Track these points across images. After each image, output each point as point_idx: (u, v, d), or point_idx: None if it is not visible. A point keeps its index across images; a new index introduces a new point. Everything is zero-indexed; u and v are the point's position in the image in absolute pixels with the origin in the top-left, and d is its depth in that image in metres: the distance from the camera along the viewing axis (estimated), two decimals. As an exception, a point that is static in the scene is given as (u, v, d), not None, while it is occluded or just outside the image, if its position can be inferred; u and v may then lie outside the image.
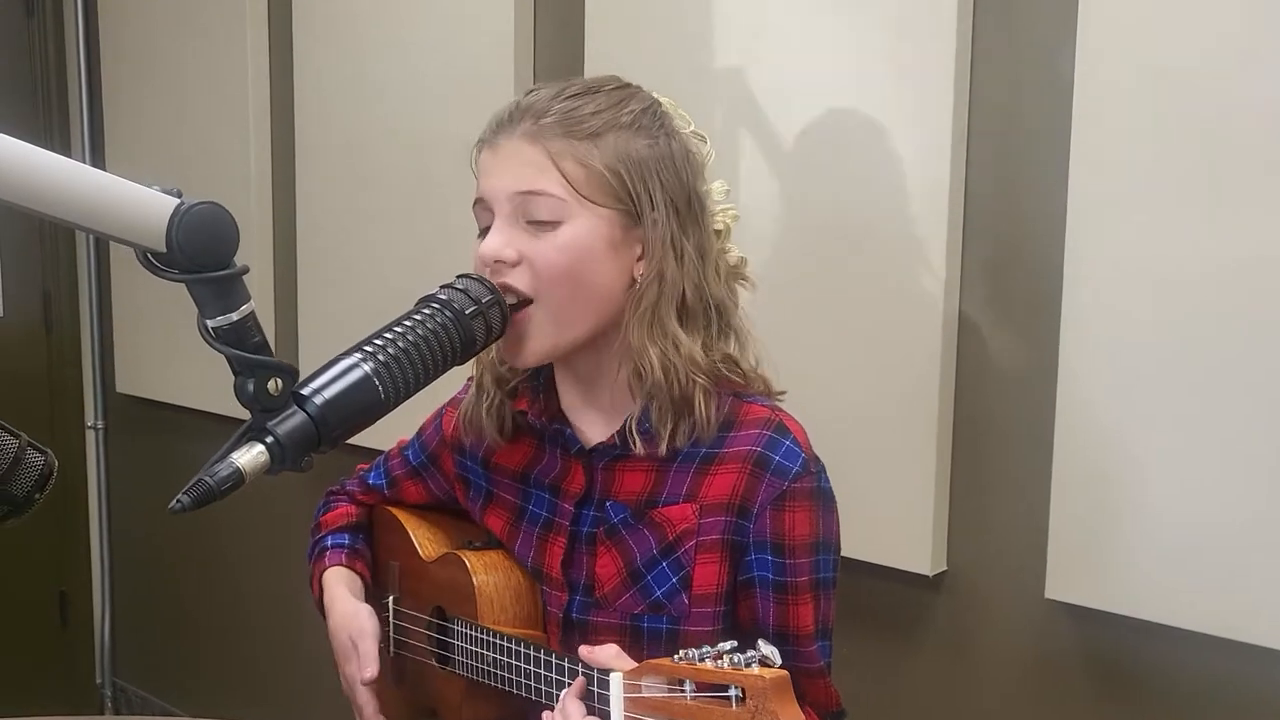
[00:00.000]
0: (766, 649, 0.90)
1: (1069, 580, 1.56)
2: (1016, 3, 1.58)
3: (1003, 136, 1.60)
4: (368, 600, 1.31)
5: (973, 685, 1.70)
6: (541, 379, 1.21)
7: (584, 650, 1.03)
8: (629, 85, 1.15)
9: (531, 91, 1.12)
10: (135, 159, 2.91)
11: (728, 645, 0.91)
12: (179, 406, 2.90)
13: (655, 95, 1.15)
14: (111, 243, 0.81)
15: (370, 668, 1.22)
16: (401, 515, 1.31)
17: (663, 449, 1.11)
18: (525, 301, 1.08)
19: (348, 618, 1.26)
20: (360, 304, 2.40)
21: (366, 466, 1.40)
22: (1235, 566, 1.41)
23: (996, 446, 1.65)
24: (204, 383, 2.79)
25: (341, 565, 1.33)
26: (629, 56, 1.91)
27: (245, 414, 2.90)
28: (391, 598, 1.31)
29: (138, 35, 2.91)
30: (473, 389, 1.22)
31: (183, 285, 0.87)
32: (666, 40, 1.87)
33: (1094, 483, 1.52)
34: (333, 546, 1.34)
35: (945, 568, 1.71)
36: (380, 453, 1.39)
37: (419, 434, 1.33)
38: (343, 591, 1.29)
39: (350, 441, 0.97)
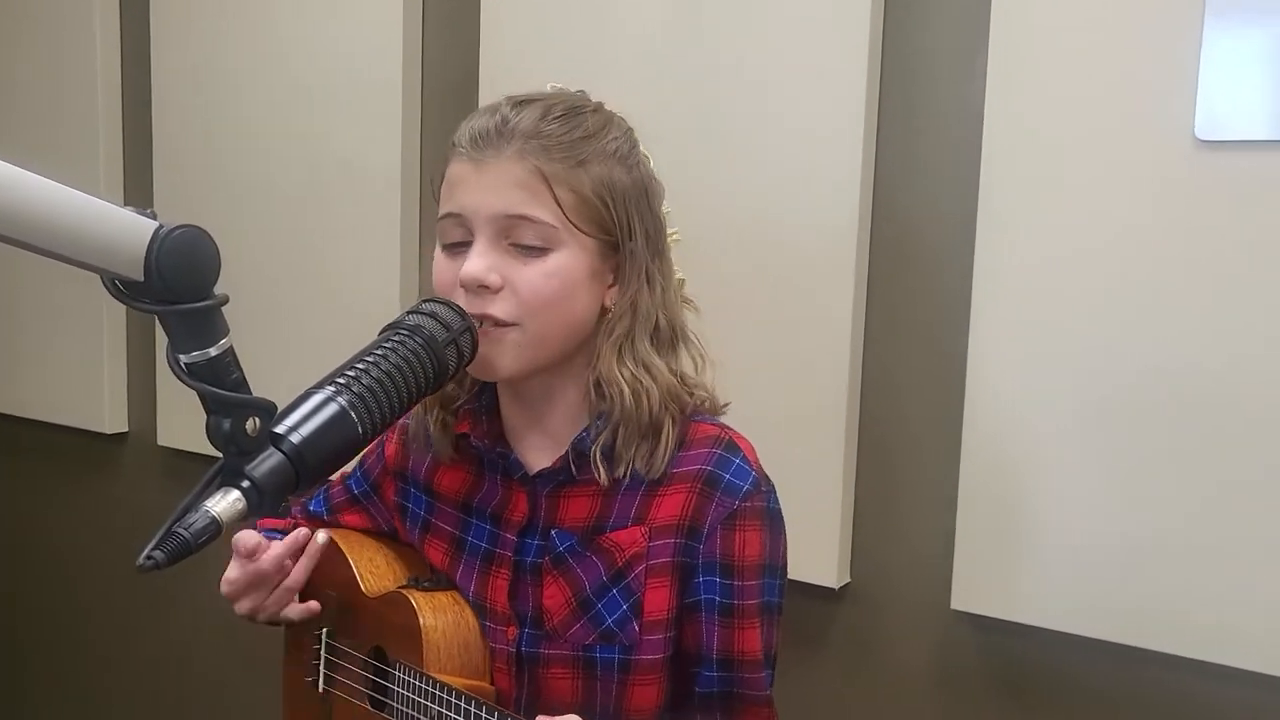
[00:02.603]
0: None
1: (974, 591, 1.60)
2: (927, 13, 1.61)
3: (912, 147, 1.63)
4: (298, 632, 1.24)
5: (878, 697, 1.73)
6: (484, 401, 1.17)
7: None
8: (602, 107, 1.13)
9: (515, 106, 1.08)
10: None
11: None
12: (17, 418, 2.68)
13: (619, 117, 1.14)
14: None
15: (247, 538, 1.14)
16: (344, 544, 1.24)
17: (621, 472, 1.09)
18: (507, 325, 1.05)
19: None
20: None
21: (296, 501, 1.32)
22: (1137, 575, 1.48)
23: (903, 458, 1.68)
24: (46, 391, 2.60)
25: None
26: (526, 59, 1.86)
27: (87, 424, 2.68)
28: (325, 629, 1.24)
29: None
30: (418, 406, 1.16)
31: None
32: (565, 45, 1.83)
33: (1000, 494, 1.56)
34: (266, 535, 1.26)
35: (850, 579, 1.73)
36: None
37: (361, 462, 1.28)
38: None
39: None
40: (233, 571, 1.16)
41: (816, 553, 1.69)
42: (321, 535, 1.20)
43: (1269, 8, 1.35)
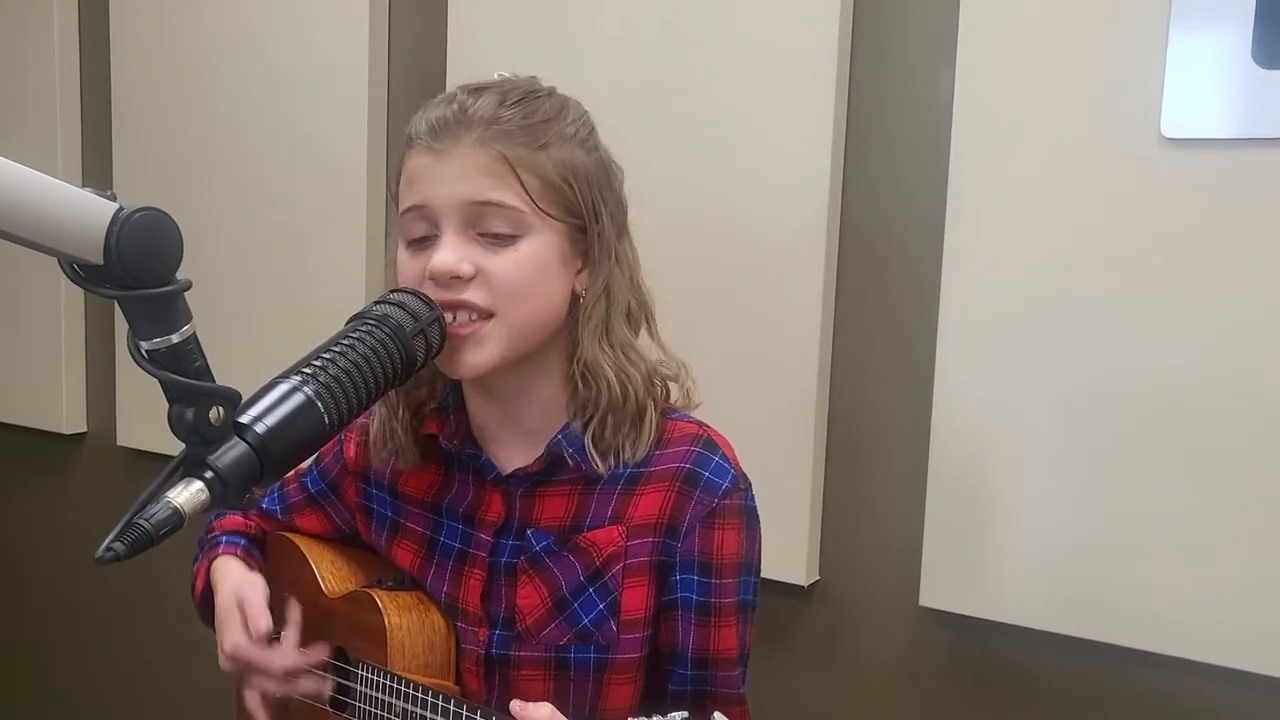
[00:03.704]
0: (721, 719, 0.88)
1: (943, 588, 1.60)
2: (897, 10, 1.61)
3: (882, 143, 1.63)
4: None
5: (847, 694, 1.73)
6: (451, 400, 1.15)
7: (515, 706, 0.96)
8: (555, 91, 1.11)
9: (470, 94, 1.06)
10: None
11: (678, 715, 0.87)
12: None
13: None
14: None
15: (261, 620, 1.12)
16: (304, 546, 1.21)
17: (611, 462, 1.08)
18: (485, 316, 1.03)
19: (238, 582, 1.17)
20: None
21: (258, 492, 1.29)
22: (1104, 572, 1.48)
23: (872, 456, 1.68)
24: (3, 392, 2.55)
25: (236, 557, 1.23)
26: (494, 50, 1.84)
27: (45, 424, 2.62)
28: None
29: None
30: (382, 406, 1.14)
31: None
32: (533, 37, 1.82)
33: (968, 491, 1.57)
34: (227, 543, 1.24)
35: (819, 577, 1.73)
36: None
37: (317, 460, 1.25)
38: (237, 566, 1.20)
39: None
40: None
41: (786, 550, 1.69)
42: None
43: (1233, 6, 1.36)
